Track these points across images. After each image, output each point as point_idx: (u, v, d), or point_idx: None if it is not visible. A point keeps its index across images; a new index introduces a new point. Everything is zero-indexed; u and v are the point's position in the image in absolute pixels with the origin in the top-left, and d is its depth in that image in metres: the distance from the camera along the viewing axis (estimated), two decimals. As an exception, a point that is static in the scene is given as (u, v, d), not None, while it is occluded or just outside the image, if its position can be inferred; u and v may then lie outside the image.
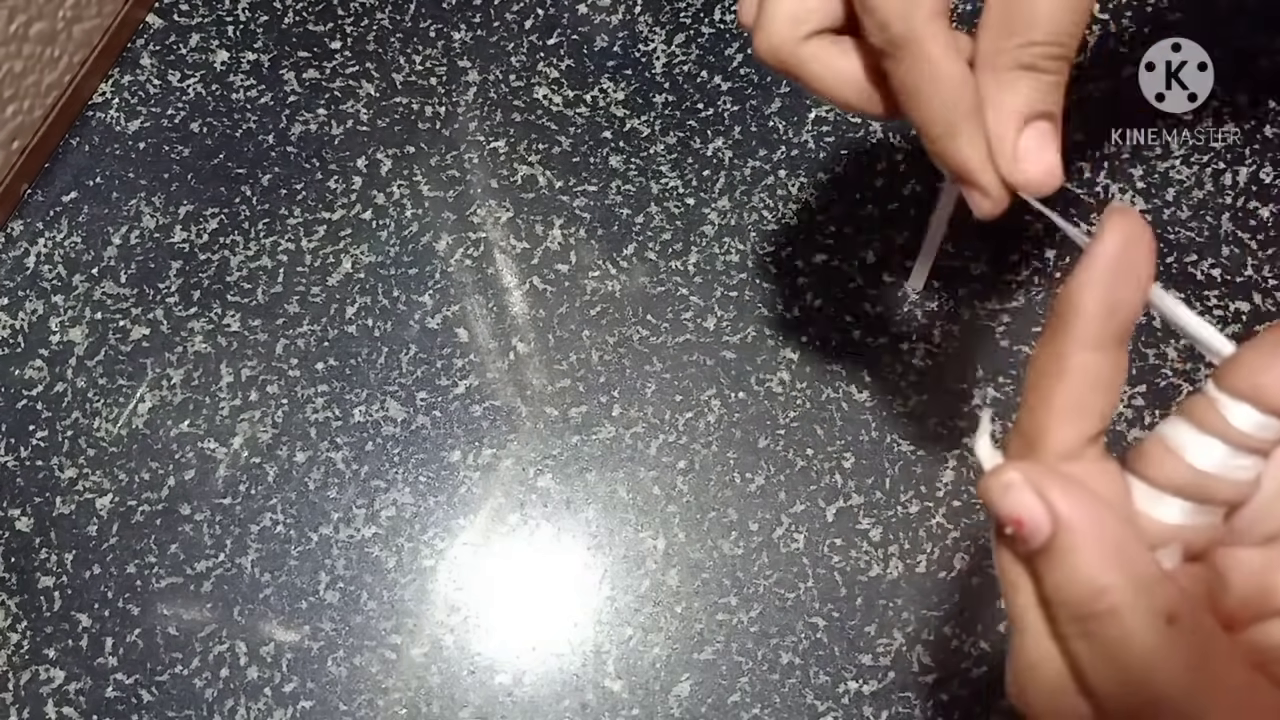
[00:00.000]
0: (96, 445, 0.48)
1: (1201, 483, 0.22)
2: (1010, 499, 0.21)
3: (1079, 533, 0.21)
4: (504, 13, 0.54)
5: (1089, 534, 0.21)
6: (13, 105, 0.49)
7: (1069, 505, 0.21)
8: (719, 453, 0.47)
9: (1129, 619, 0.20)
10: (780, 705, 0.43)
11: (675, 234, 0.50)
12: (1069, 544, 0.21)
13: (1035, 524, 0.21)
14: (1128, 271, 0.22)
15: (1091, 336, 0.22)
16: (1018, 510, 0.21)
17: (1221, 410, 0.22)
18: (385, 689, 0.44)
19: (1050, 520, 0.21)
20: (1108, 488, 0.23)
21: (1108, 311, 0.22)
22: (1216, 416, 0.22)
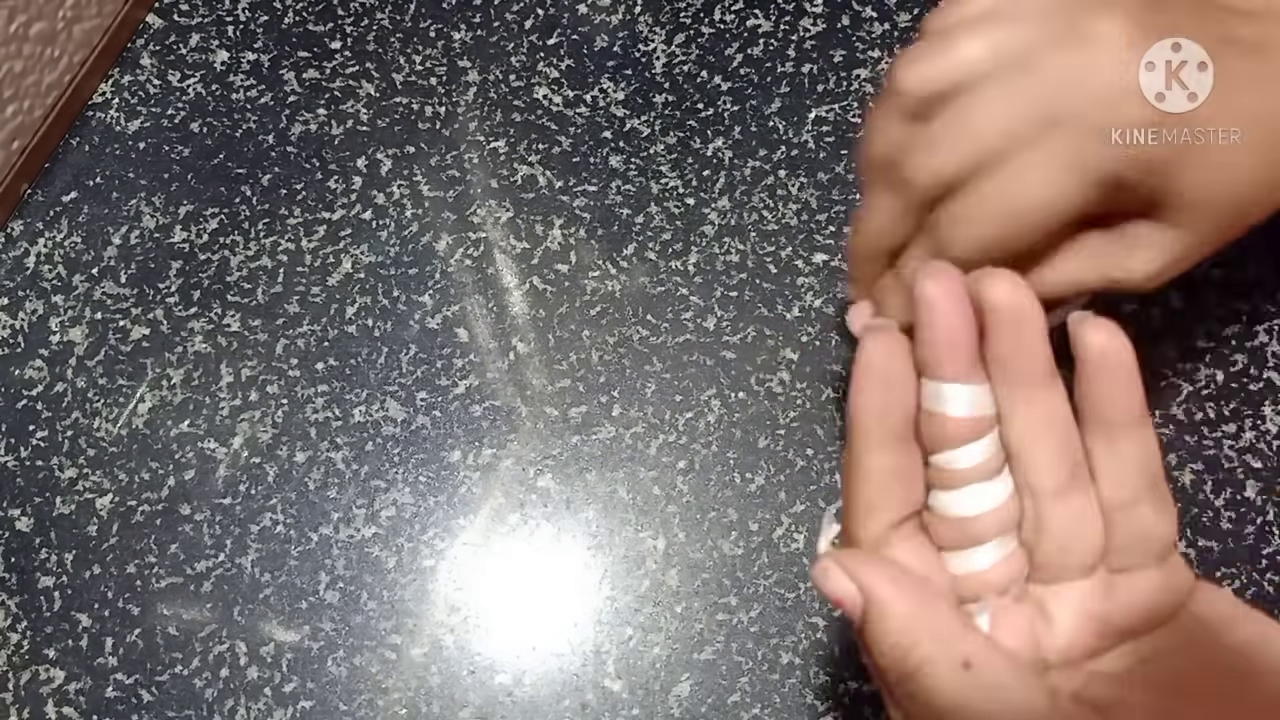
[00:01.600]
0: (96, 445, 0.48)
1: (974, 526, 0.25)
2: (828, 583, 0.25)
3: (883, 602, 0.24)
4: (504, 13, 0.54)
5: (892, 601, 0.24)
6: (13, 105, 0.49)
7: (873, 580, 0.24)
8: (719, 453, 0.47)
9: (929, 670, 0.23)
10: (780, 705, 0.43)
11: (675, 234, 0.50)
12: (877, 614, 0.24)
13: (850, 602, 0.24)
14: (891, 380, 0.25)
15: (874, 442, 0.25)
16: (834, 592, 0.25)
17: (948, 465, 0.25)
18: (385, 689, 0.44)
19: (859, 597, 0.24)
20: (922, 561, 0.26)
21: (879, 419, 0.25)
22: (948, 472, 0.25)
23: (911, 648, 0.23)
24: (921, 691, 0.23)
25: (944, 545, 0.26)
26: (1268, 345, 0.46)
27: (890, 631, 0.24)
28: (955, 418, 0.24)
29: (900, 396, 0.25)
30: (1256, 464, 0.45)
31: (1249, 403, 0.46)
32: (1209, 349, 0.46)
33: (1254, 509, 0.45)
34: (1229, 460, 0.45)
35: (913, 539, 0.26)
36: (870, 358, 0.25)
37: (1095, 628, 0.25)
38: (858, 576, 0.24)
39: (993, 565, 0.25)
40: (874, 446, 0.25)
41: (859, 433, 0.25)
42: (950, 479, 0.25)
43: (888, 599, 0.24)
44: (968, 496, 0.25)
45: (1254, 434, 0.45)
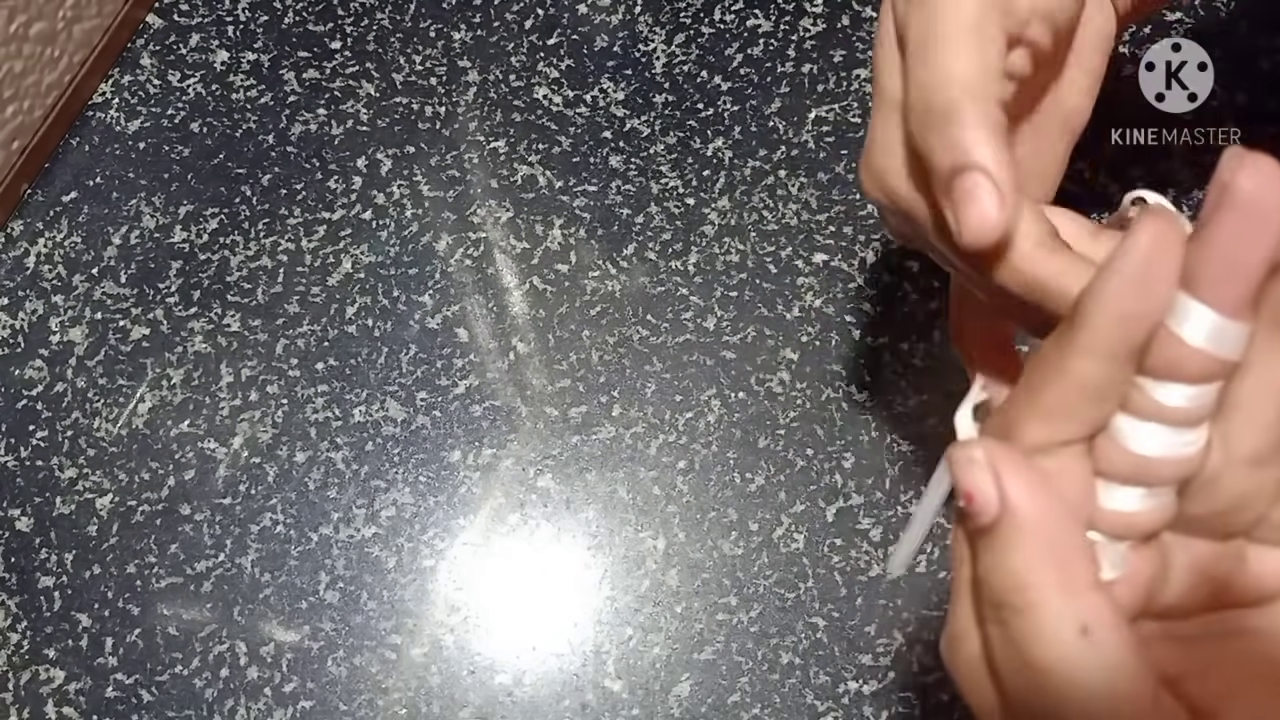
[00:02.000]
0: (96, 445, 0.48)
1: (1148, 468, 0.22)
2: (968, 474, 0.21)
3: (1020, 523, 0.21)
4: (504, 13, 0.54)
5: (1030, 527, 0.21)
6: (13, 105, 0.49)
7: (1020, 494, 0.21)
8: (719, 453, 0.47)
9: (1041, 619, 0.20)
10: (780, 705, 0.43)
11: (675, 234, 0.50)
12: (1008, 531, 0.21)
13: (984, 503, 0.21)
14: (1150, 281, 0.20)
15: (1095, 345, 0.21)
16: (971, 486, 0.21)
17: (1151, 393, 0.21)
18: (385, 689, 0.44)
19: (998, 504, 0.21)
20: (1074, 490, 0.22)
21: (1118, 322, 0.20)
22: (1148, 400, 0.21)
23: (1031, 585, 0.20)
24: (1023, 636, 0.20)
25: (1104, 472, 0.22)
26: (1268, 345, 0.46)
27: (1017, 559, 0.21)
28: (1194, 349, 0.20)
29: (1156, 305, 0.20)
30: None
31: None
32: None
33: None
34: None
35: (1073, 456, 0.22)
36: (1142, 243, 0.20)
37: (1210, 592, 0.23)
38: (1004, 481, 0.21)
39: (1148, 510, 0.22)
40: (1097, 349, 0.20)
41: (1087, 325, 0.20)
42: (1149, 409, 0.21)
43: (1030, 521, 0.21)
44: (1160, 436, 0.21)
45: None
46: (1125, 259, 0.20)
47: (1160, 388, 0.21)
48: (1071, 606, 0.20)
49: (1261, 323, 0.20)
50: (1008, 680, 0.21)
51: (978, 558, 0.22)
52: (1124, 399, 0.21)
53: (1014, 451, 0.22)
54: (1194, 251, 0.20)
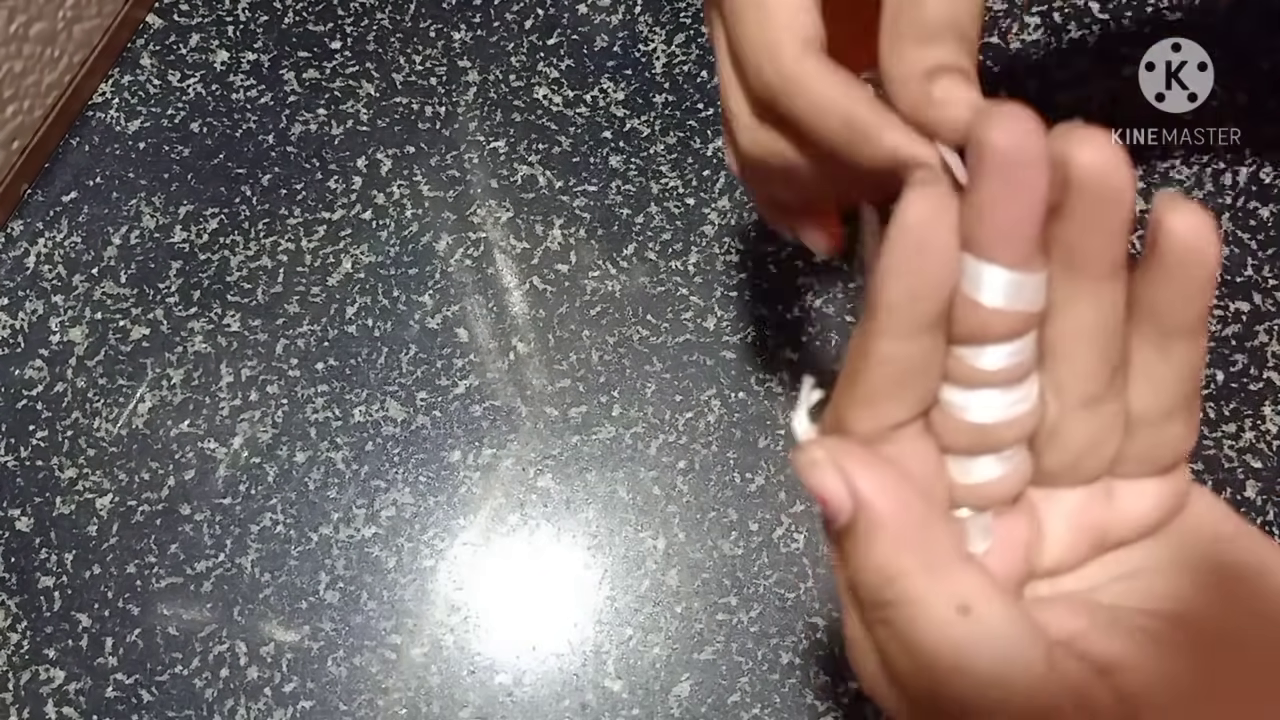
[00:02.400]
0: (96, 445, 0.48)
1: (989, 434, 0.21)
2: (814, 476, 0.20)
3: (876, 516, 0.20)
4: (504, 13, 0.54)
5: (887, 517, 0.20)
6: (13, 105, 0.49)
7: (869, 486, 0.20)
8: (719, 453, 0.47)
9: (917, 606, 0.20)
10: (780, 705, 0.43)
11: (675, 234, 0.50)
12: (867, 527, 0.20)
13: (837, 504, 0.20)
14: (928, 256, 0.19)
15: (893, 325, 0.20)
16: (820, 488, 0.20)
17: (969, 361, 0.21)
18: (385, 689, 0.44)
19: (850, 502, 0.20)
20: (921, 467, 0.22)
21: (908, 299, 0.20)
22: (968, 368, 0.21)
23: (900, 575, 0.20)
24: (904, 628, 0.20)
25: (949, 449, 0.22)
26: (1268, 345, 0.46)
27: (880, 551, 0.20)
28: (995, 309, 0.20)
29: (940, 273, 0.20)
30: (1256, 464, 0.45)
31: (1249, 403, 0.46)
32: (1209, 349, 0.46)
33: (1254, 509, 0.45)
34: (1229, 460, 0.45)
35: (914, 438, 0.22)
36: (913, 215, 0.19)
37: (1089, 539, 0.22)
38: (851, 476, 0.20)
39: (1001, 477, 0.22)
40: (897, 329, 0.20)
41: (882, 307, 0.20)
42: (971, 376, 0.21)
43: (884, 511, 0.20)
44: (988, 401, 0.21)
45: (1254, 434, 0.45)
46: (900, 237, 0.19)
47: (976, 354, 0.20)
48: (944, 587, 0.20)
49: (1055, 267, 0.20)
50: (901, 678, 0.20)
51: (845, 560, 0.21)
52: (947, 372, 0.21)
53: (854, 444, 0.21)
54: (969, 215, 0.19)
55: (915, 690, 0.20)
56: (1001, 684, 0.19)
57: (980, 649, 0.19)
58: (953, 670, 0.19)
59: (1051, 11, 0.52)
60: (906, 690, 0.21)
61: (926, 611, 0.20)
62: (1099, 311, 0.21)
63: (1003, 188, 0.19)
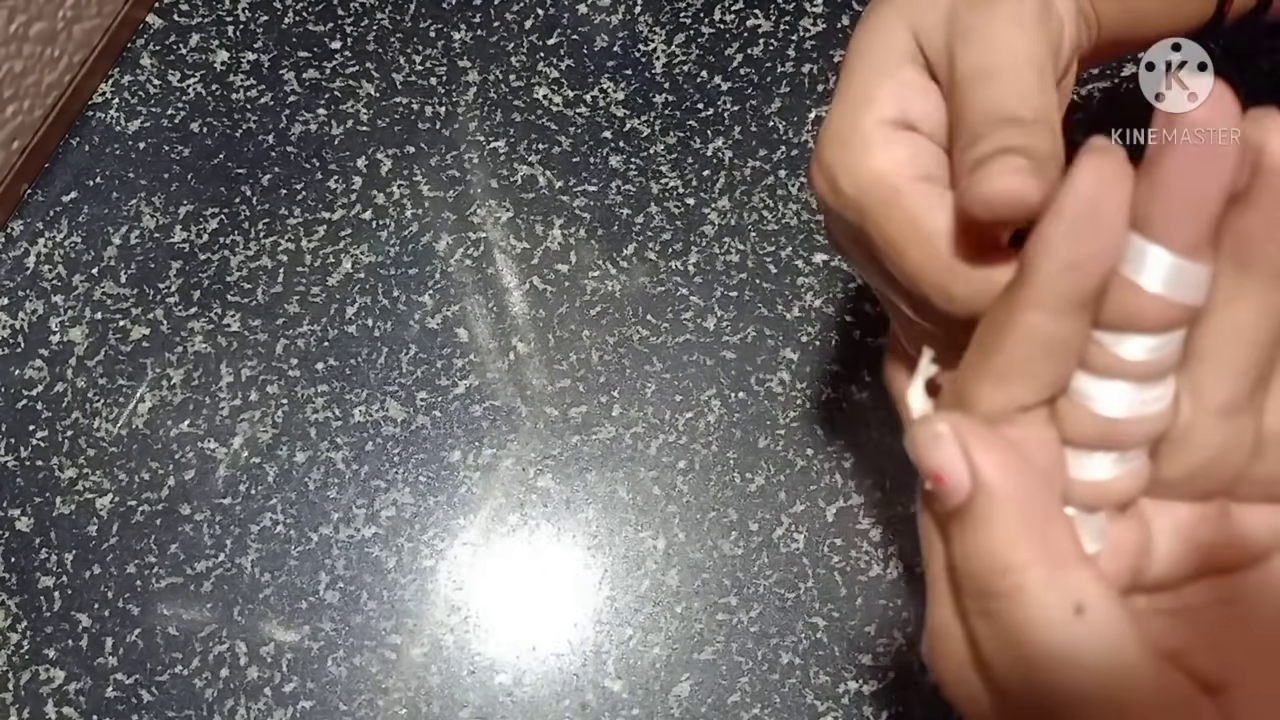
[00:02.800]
0: (96, 445, 0.48)
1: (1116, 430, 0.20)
2: (933, 452, 0.19)
3: (997, 500, 0.19)
4: (504, 13, 0.54)
5: (1008, 503, 0.19)
6: (13, 105, 0.49)
7: (992, 468, 0.19)
8: (719, 453, 0.47)
9: (1033, 603, 0.18)
10: (780, 705, 0.43)
11: (675, 234, 0.50)
12: (984, 510, 0.19)
13: (954, 482, 0.19)
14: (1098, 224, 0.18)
15: (1044, 297, 0.19)
16: (939, 464, 0.19)
17: (1111, 348, 0.19)
18: (385, 689, 0.44)
19: (970, 481, 0.19)
20: (1043, 457, 0.20)
21: (1066, 269, 0.18)
22: (1109, 356, 0.19)
23: (1017, 567, 0.18)
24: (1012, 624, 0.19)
25: (1072, 440, 0.20)
26: (1268, 345, 0.46)
27: (996, 538, 0.19)
28: (1153, 295, 0.18)
29: (1107, 247, 0.18)
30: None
31: (1249, 403, 0.46)
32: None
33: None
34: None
35: (1037, 425, 0.20)
36: (1086, 182, 0.18)
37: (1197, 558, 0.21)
38: (975, 456, 0.19)
39: (1120, 476, 0.20)
40: (1048, 301, 0.18)
41: (1036, 278, 0.18)
42: (1108, 365, 0.19)
43: (1006, 496, 0.19)
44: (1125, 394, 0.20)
45: (1254, 434, 0.45)
46: (1068, 201, 0.18)
47: (1120, 341, 0.19)
48: (1062, 585, 0.19)
49: (1222, 262, 0.19)
50: (1000, 674, 0.19)
51: (951, 545, 0.20)
52: (1083, 358, 0.20)
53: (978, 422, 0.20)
54: (1145, 190, 0.18)
55: (1011, 685, 0.19)
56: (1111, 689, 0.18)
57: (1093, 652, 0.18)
58: (1061, 671, 0.18)
59: (1051, 11, 0.52)
60: (1000, 684, 0.20)
61: (1041, 608, 0.18)
62: (1259, 315, 0.19)
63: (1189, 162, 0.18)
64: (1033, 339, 0.19)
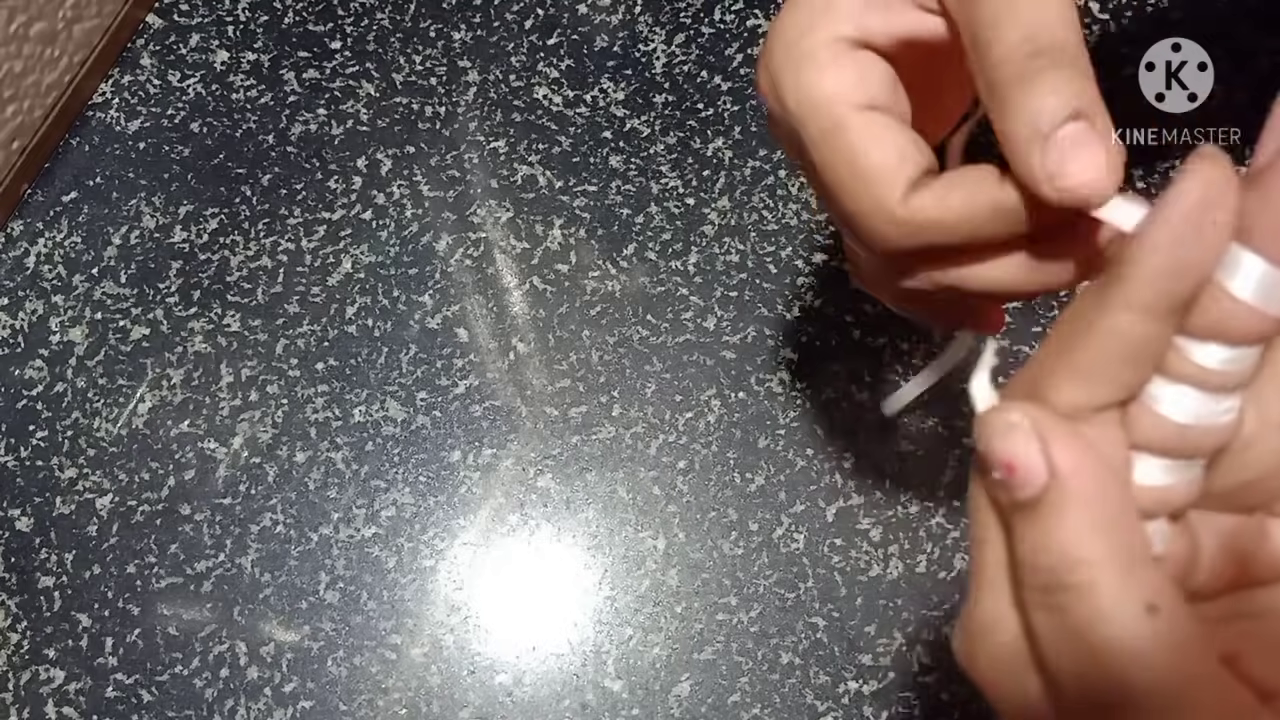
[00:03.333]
0: (96, 445, 0.48)
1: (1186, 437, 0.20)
2: (1008, 441, 0.19)
3: (1074, 493, 0.19)
4: (504, 13, 0.54)
5: (1084, 497, 0.19)
6: (13, 105, 0.49)
7: (1072, 461, 0.19)
8: (719, 453, 0.47)
9: (1105, 599, 0.18)
10: (780, 705, 0.43)
11: (675, 234, 0.50)
12: (1059, 503, 0.19)
13: (1030, 473, 0.19)
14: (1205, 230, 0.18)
15: (1140, 297, 0.19)
16: (1014, 454, 0.19)
17: (1192, 355, 0.19)
18: (385, 689, 0.44)
19: (1047, 473, 0.19)
20: (1116, 459, 0.20)
21: (1168, 273, 0.18)
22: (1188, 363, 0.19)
23: (1090, 562, 0.18)
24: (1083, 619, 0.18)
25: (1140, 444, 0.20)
26: (1268, 345, 0.46)
27: (1070, 534, 0.19)
28: (1243, 303, 0.19)
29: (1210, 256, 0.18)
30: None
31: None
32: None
33: (1254, 509, 0.45)
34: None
35: (1108, 426, 0.20)
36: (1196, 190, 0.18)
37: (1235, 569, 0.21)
38: (1052, 448, 0.19)
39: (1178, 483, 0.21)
40: (1144, 302, 0.19)
41: (1135, 277, 0.19)
42: (1184, 370, 0.20)
43: (1083, 491, 0.19)
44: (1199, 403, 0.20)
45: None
46: (1177, 205, 0.18)
47: (1198, 348, 0.19)
48: (1135, 583, 0.18)
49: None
50: (1064, 669, 0.19)
51: (1018, 536, 0.20)
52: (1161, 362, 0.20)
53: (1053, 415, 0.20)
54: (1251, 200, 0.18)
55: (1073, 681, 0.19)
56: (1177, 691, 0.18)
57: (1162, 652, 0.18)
58: (1129, 668, 0.18)
59: (1051, 11, 0.52)
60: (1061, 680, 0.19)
61: (1114, 604, 0.18)
62: None
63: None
64: (1122, 340, 0.19)
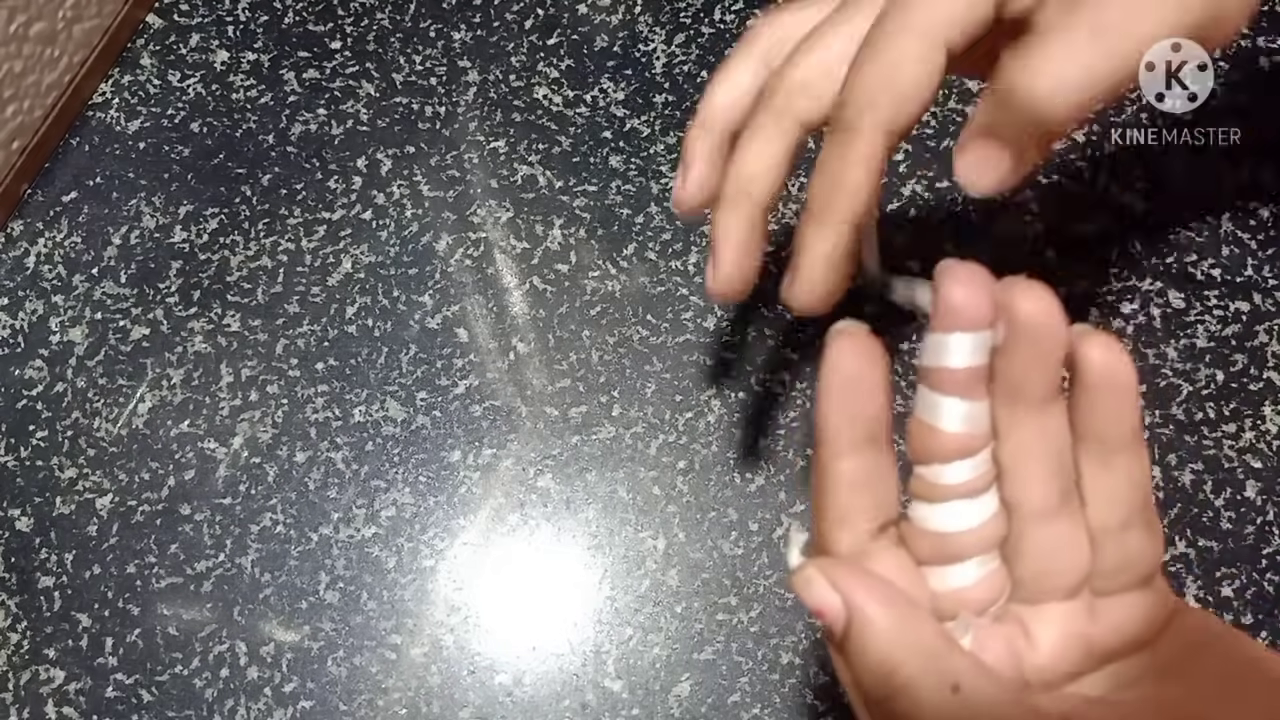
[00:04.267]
0: (96, 445, 0.48)
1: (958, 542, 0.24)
2: (810, 593, 0.23)
3: (869, 616, 0.22)
4: (504, 13, 0.54)
5: (878, 617, 0.22)
6: (13, 105, 0.49)
7: (859, 592, 0.23)
8: (719, 453, 0.47)
9: (915, 693, 0.22)
10: (780, 705, 0.43)
11: (675, 234, 0.50)
12: (862, 629, 0.22)
13: (833, 612, 0.23)
14: (858, 388, 0.24)
15: (843, 447, 0.24)
16: (817, 602, 0.23)
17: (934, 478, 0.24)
18: (385, 689, 0.44)
19: (844, 609, 0.23)
20: (900, 574, 0.24)
21: (849, 423, 0.24)
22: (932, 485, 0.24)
23: (897, 667, 0.22)
24: (906, 715, 0.22)
25: (923, 560, 0.25)
26: (1268, 345, 0.46)
27: (875, 649, 0.22)
28: (950, 433, 0.23)
29: (870, 399, 0.24)
30: (1256, 464, 0.45)
31: (1249, 403, 0.46)
32: (1209, 349, 0.46)
33: (1254, 509, 0.45)
34: (1229, 460, 0.45)
35: (892, 551, 0.25)
36: (838, 360, 0.24)
37: (1079, 648, 0.24)
38: (841, 587, 0.23)
39: (974, 583, 0.24)
40: (843, 451, 0.24)
41: (827, 438, 0.24)
42: (934, 492, 0.24)
43: (873, 613, 0.22)
44: (951, 512, 0.24)
45: (1254, 434, 0.45)
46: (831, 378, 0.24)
47: (938, 471, 0.24)
48: (936, 670, 0.22)
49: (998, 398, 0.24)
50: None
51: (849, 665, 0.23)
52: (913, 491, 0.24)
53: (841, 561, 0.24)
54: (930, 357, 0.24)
55: None
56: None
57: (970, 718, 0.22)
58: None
59: (1051, 11, 0.52)
60: None
61: (923, 694, 0.22)
62: (1042, 433, 0.24)
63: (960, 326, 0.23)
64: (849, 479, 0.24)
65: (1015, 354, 0.23)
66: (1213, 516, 0.44)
